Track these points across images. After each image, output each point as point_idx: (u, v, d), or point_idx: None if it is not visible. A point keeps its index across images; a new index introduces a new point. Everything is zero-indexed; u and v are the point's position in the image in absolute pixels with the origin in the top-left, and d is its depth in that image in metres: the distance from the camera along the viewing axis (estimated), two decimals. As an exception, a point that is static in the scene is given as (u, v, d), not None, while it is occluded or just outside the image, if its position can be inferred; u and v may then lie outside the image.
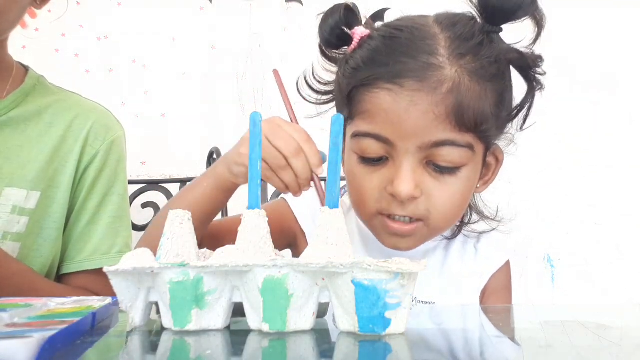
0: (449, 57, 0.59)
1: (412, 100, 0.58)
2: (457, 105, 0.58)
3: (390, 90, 0.59)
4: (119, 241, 0.91)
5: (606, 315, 0.57)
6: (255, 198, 0.44)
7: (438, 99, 0.58)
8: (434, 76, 0.58)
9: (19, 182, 0.85)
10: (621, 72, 1.52)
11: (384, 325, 0.40)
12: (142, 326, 0.44)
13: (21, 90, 0.89)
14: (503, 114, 0.64)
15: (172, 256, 0.43)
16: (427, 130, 0.58)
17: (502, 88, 0.62)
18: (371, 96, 0.61)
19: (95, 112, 0.94)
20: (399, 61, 0.59)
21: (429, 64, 0.58)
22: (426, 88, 0.58)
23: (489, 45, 0.61)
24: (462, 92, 0.58)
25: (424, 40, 0.60)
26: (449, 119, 0.58)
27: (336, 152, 0.44)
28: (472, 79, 0.59)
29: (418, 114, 0.58)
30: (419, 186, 0.60)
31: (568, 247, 1.48)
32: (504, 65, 0.62)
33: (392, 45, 0.61)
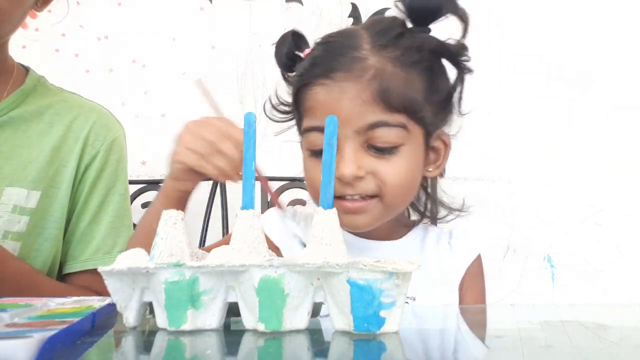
0: (371, 49, 0.67)
1: (341, 90, 0.66)
2: (381, 89, 0.65)
3: (324, 85, 0.67)
4: (121, 240, 0.91)
5: (606, 315, 0.57)
6: (249, 198, 0.44)
7: (363, 85, 0.65)
8: (358, 67, 0.66)
9: (19, 182, 0.85)
10: (597, 70, 1.52)
11: (379, 324, 0.40)
12: (136, 326, 0.44)
13: (22, 90, 0.89)
14: (436, 99, 0.70)
15: (166, 256, 0.43)
16: (359, 114, 0.65)
17: (430, 75, 0.69)
18: (310, 94, 0.69)
19: (95, 112, 0.95)
20: (331, 60, 0.68)
21: (354, 57, 0.67)
22: (352, 77, 0.66)
23: (410, 36, 0.69)
24: (386, 77, 0.65)
25: (350, 39, 0.69)
26: (376, 102, 0.65)
27: (330, 153, 0.45)
28: (395, 65, 0.66)
29: (348, 101, 0.65)
30: (362, 167, 0.66)
31: (568, 247, 1.48)
32: (428, 54, 0.69)
33: (326, 48, 0.70)
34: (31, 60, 1.00)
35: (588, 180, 1.50)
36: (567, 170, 1.50)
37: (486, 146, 1.49)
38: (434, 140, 0.73)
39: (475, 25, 1.51)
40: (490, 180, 1.49)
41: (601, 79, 1.52)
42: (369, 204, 0.67)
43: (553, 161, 1.50)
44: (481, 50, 1.52)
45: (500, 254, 1.47)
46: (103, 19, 1.46)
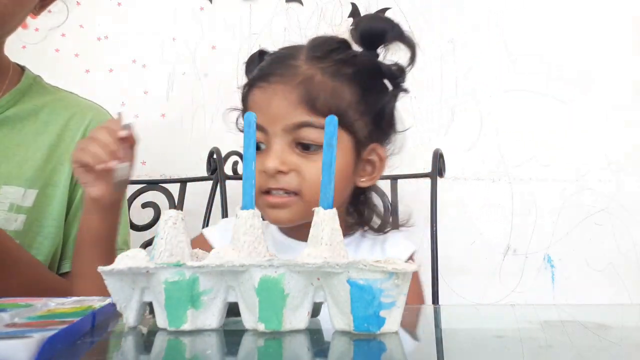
0: (306, 59, 0.75)
1: (273, 91, 0.74)
2: (307, 93, 0.72)
3: (261, 87, 0.76)
4: (117, 238, 0.91)
5: (606, 315, 0.57)
6: (249, 198, 0.45)
7: (291, 88, 0.73)
8: (290, 72, 0.74)
9: (16, 180, 0.85)
10: (597, 70, 1.52)
11: (379, 324, 0.40)
12: (136, 326, 0.44)
13: (17, 89, 0.89)
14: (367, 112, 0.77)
15: (166, 256, 0.43)
16: (287, 114, 0.73)
17: (362, 89, 0.76)
18: (251, 95, 0.78)
19: (92, 110, 0.95)
20: (271, 67, 0.77)
21: (289, 65, 0.75)
22: (283, 81, 0.74)
23: (344, 52, 0.77)
24: (314, 84, 0.73)
25: (292, 52, 0.78)
26: (302, 105, 0.72)
27: (330, 153, 0.45)
28: (325, 74, 0.74)
29: (277, 101, 0.73)
30: (286, 163, 0.72)
31: (568, 247, 1.48)
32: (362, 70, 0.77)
33: (271, 59, 0.80)
34: (31, 60, 1.00)
35: (588, 180, 1.50)
36: (567, 170, 1.50)
37: (486, 146, 1.49)
38: (369, 153, 0.79)
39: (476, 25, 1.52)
40: (490, 180, 1.49)
41: (601, 79, 1.52)
42: (291, 200, 0.73)
43: (553, 161, 1.50)
44: (481, 50, 1.53)
45: (500, 254, 1.47)
46: (103, 19, 1.46)
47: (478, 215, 1.47)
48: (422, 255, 1.36)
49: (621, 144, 1.52)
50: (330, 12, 1.51)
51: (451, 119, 1.49)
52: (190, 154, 1.44)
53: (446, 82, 1.49)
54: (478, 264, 1.46)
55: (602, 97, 1.52)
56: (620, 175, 1.50)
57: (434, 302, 1.10)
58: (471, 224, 1.46)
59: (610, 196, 1.50)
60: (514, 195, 1.49)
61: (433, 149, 1.18)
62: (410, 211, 1.02)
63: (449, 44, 1.51)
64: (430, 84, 1.48)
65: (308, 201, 0.73)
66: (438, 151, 1.16)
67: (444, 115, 1.48)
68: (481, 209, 1.48)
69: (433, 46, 1.49)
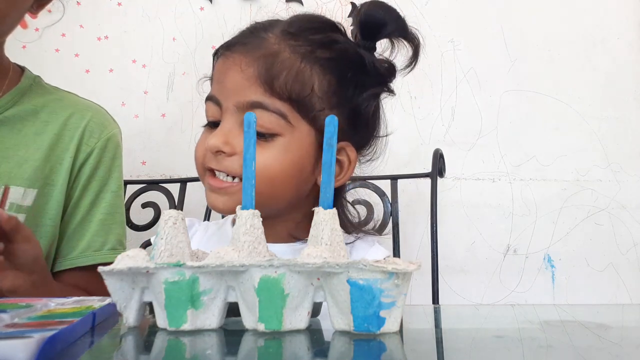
0: (279, 34, 0.67)
1: (232, 61, 0.66)
2: (267, 70, 0.64)
3: (224, 55, 0.68)
4: (111, 238, 0.91)
5: (606, 315, 0.57)
6: (249, 198, 0.45)
7: (250, 60, 0.65)
8: (255, 43, 0.66)
9: (16, 180, 0.85)
10: (598, 70, 1.52)
11: (379, 324, 0.40)
12: (136, 326, 0.44)
13: (17, 89, 0.89)
14: (339, 107, 0.67)
15: (166, 256, 0.43)
16: (241, 89, 0.65)
17: (338, 79, 0.67)
18: (216, 64, 0.70)
19: (90, 110, 0.95)
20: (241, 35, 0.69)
21: (259, 36, 0.67)
22: (244, 51, 0.66)
23: (324, 33, 0.68)
24: (277, 60, 0.64)
25: (270, 23, 0.70)
26: (259, 82, 0.64)
27: (330, 153, 0.45)
28: (295, 54, 0.65)
29: (233, 72, 0.65)
30: (230, 143, 0.65)
31: (568, 247, 1.48)
32: (343, 59, 0.67)
33: (247, 28, 0.71)
34: (31, 60, 1.00)
35: (588, 180, 1.50)
36: (567, 170, 1.50)
37: (486, 146, 1.49)
38: (337, 152, 0.68)
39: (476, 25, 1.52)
40: (490, 180, 1.49)
41: (601, 79, 1.52)
42: (232, 186, 0.66)
43: (553, 161, 1.50)
44: (481, 50, 1.53)
45: (500, 254, 1.47)
46: (103, 19, 1.46)
47: (478, 215, 1.47)
48: (422, 255, 1.37)
49: (621, 144, 1.52)
50: (331, 12, 1.51)
51: (451, 119, 1.49)
52: (190, 154, 1.43)
53: (446, 82, 1.49)
54: (478, 264, 1.46)
55: (602, 97, 1.52)
56: (620, 175, 1.50)
57: (434, 302, 1.10)
58: (471, 224, 1.47)
59: (610, 196, 1.50)
60: (514, 195, 1.49)
61: (433, 149, 1.18)
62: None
63: (449, 43, 1.51)
64: (430, 84, 1.48)
65: None
66: (438, 151, 1.16)
67: (444, 115, 1.48)
68: (481, 209, 1.48)
69: (433, 46, 1.49)
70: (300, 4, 1.50)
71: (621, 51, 1.53)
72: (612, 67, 1.52)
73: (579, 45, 1.52)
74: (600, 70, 1.52)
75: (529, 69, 1.51)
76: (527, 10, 1.52)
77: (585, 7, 1.53)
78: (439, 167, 1.14)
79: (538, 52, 1.52)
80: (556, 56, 1.52)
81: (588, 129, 1.51)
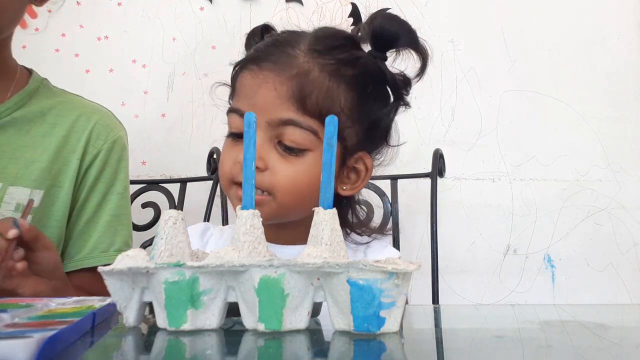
0: (306, 51, 0.68)
1: (263, 78, 0.67)
2: (299, 88, 0.66)
3: (251, 70, 0.69)
4: (118, 240, 0.92)
5: (606, 315, 0.57)
6: (249, 198, 0.45)
7: (283, 79, 0.66)
8: (285, 61, 0.67)
9: (22, 181, 0.86)
10: (598, 70, 1.52)
11: (379, 324, 0.40)
12: (136, 326, 0.44)
13: (25, 91, 0.90)
14: (362, 120, 0.70)
15: (167, 256, 0.43)
16: (273, 107, 0.66)
17: (360, 94, 0.70)
18: (240, 77, 0.72)
19: (97, 112, 0.95)
20: (267, 51, 0.70)
21: (287, 53, 0.68)
22: (276, 70, 0.67)
23: (349, 50, 0.70)
24: (308, 80, 0.66)
25: (294, 38, 0.71)
26: (290, 100, 0.66)
27: (330, 153, 0.45)
28: (323, 72, 0.67)
29: (265, 90, 0.67)
30: (263, 159, 0.67)
31: (568, 247, 1.48)
32: (363, 74, 0.70)
33: (270, 42, 0.72)
34: (31, 60, 1.00)
35: (588, 180, 1.50)
36: (567, 170, 1.50)
37: (486, 146, 1.49)
38: (355, 161, 0.73)
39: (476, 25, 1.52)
40: (490, 180, 1.49)
41: (601, 79, 1.52)
42: (262, 199, 0.68)
43: (553, 161, 1.50)
44: (481, 50, 1.53)
45: (500, 254, 1.47)
46: (103, 19, 1.46)
47: (478, 215, 1.47)
48: (422, 255, 1.37)
49: (621, 144, 1.52)
50: (331, 12, 1.51)
51: (451, 119, 1.49)
52: (190, 154, 1.44)
53: (446, 82, 1.49)
54: (478, 264, 1.46)
55: (602, 97, 1.52)
56: (620, 175, 1.50)
57: (434, 302, 1.10)
58: (471, 224, 1.47)
59: (610, 196, 1.50)
60: (514, 195, 1.49)
61: (433, 149, 1.18)
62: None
63: (449, 43, 1.51)
64: (430, 84, 1.48)
65: (280, 203, 0.68)
66: (438, 151, 1.16)
67: (444, 115, 1.48)
68: (481, 209, 1.48)
69: (433, 46, 1.49)
70: (300, 4, 1.50)
71: (621, 51, 1.53)
72: (612, 67, 1.52)
73: (579, 45, 1.52)
74: (600, 70, 1.52)
75: (529, 69, 1.51)
76: (527, 10, 1.52)
77: (585, 7, 1.53)
78: (439, 167, 1.14)
79: (538, 52, 1.52)
80: (556, 56, 1.52)
81: (588, 129, 1.51)
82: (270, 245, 0.76)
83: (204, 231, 0.82)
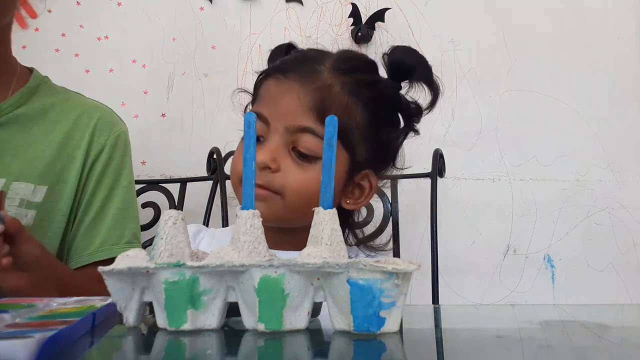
0: (330, 69, 0.73)
1: (289, 87, 0.72)
2: (321, 100, 0.71)
3: (277, 79, 0.74)
4: (127, 232, 0.93)
5: (606, 315, 0.57)
6: (249, 198, 0.45)
7: (307, 90, 0.71)
8: (311, 75, 0.72)
9: (26, 177, 0.87)
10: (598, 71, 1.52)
11: (379, 324, 0.40)
12: (136, 326, 0.44)
13: (26, 89, 0.91)
14: (373, 139, 0.75)
15: (166, 256, 0.43)
16: (294, 114, 0.71)
17: (374, 115, 0.75)
18: (265, 84, 0.76)
19: (99, 110, 0.97)
20: (294, 64, 0.75)
21: (312, 67, 0.73)
22: (301, 81, 0.72)
23: (370, 74, 0.76)
24: (330, 94, 0.71)
25: (320, 56, 0.76)
26: (311, 110, 0.70)
27: (330, 153, 0.45)
28: (344, 90, 0.72)
29: (289, 98, 0.71)
30: (277, 161, 0.70)
31: (568, 247, 1.48)
32: (379, 97, 0.75)
33: (297, 56, 0.79)
34: (31, 60, 1.00)
35: (588, 180, 1.50)
36: (567, 170, 1.50)
37: (486, 146, 1.49)
38: (361, 178, 0.77)
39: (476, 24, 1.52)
40: (490, 180, 1.49)
41: (601, 79, 1.52)
42: (271, 195, 0.71)
43: (553, 161, 1.50)
44: (481, 50, 1.53)
45: (500, 254, 1.47)
46: (103, 19, 1.46)
47: (478, 215, 1.47)
48: (422, 255, 1.37)
49: (621, 144, 1.52)
50: (331, 12, 1.51)
51: (451, 119, 1.49)
52: (190, 154, 1.44)
53: (446, 82, 1.49)
54: (478, 264, 1.46)
55: (602, 97, 1.52)
56: (620, 175, 1.50)
57: (434, 302, 1.11)
58: (471, 224, 1.47)
59: (610, 196, 1.50)
60: (514, 195, 1.49)
61: (433, 149, 1.18)
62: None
63: (449, 44, 1.51)
64: (430, 84, 1.47)
65: (288, 204, 0.71)
66: (438, 151, 1.16)
67: (444, 115, 1.48)
68: (481, 209, 1.48)
69: (433, 46, 1.49)
70: (300, 4, 1.50)
71: (621, 51, 1.53)
72: (612, 67, 1.52)
73: (579, 45, 1.52)
74: (600, 70, 1.52)
75: (529, 69, 1.51)
76: (527, 10, 1.52)
77: (585, 7, 1.53)
78: (439, 167, 1.14)
79: (538, 52, 1.52)
80: (556, 56, 1.52)
81: (588, 129, 1.51)
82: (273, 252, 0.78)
83: (196, 233, 0.85)
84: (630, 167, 1.51)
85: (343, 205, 0.77)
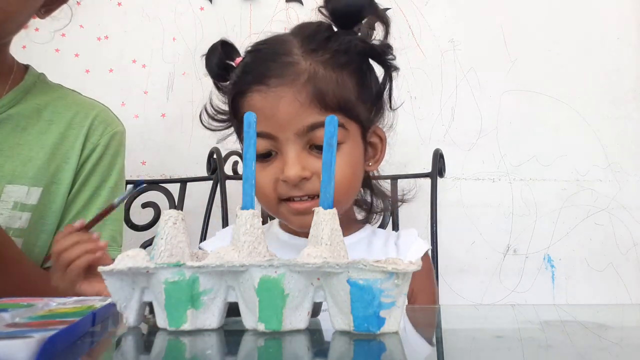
0: (302, 54, 0.70)
1: (277, 95, 0.69)
2: (316, 91, 0.68)
3: (259, 91, 0.70)
4: (106, 234, 0.91)
5: (606, 315, 0.57)
6: (249, 198, 0.45)
7: (298, 88, 0.68)
8: (291, 71, 0.69)
9: (19, 179, 0.85)
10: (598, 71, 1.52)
11: (379, 324, 0.40)
12: (136, 326, 0.44)
13: (21, 87, 0.90)
14: (367, 97, 0.74)
15: (166, 256, 0.43)
16: (297, 117, 0.68)
17: (360, 74, 0.73)
18: (247, 101, 0.72)
19: (95, 109, 0.95)
20: (263, 66, 0.71)
21: (286, 62, 0.70)
22: (287, 82, 0.69)
23: (337, 39, 0.72)
24: (319, 80, 0.69)
25: (280, 45, 0.72)
26: (313, 104, 0.68)
27: (330, 153, 0.45)
28: (326, 67, 0.70)
29: (285, 105, 0.68)
30: (307, 168, 0.69)
31: (568, 247, 1.48)
32: (355, 55, 0.73)
33: (257, 55, 0.74)
34: (31, 60, 1.00)
35: (588, 180, 1.50)
36: (567, 170, 1.50)
37: (486, 146, 1.49)
38: (370, 136, 0.77)
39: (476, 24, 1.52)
40: (490, 180, 1.49)
41: (601, 79, 1.52)
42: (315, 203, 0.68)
43: (553, 161, 1.50)
44: (481, 50, 1.52)
45: (500, 254, 1.47)
46: (103, 19, 1.46)
47: (478, 215, 1.47)
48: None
49: (621, 144, 1.52)
50: (330, 12, 1.50)
51: (451, 118, 1.49)
52: (190, 154, 1.44)
53: (446, 82, 1.49)
54: (478, 264, 1.46)
55: (602, 97, 1.52)
56: (620, 175, 1.50)
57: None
58: (471, 224, 1.46)
59: (610, 196, 1.50)
60: (514, 195, 1.49)
61: (433, 149, 1.18)
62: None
63: (449, 43, 1.51)
64: (430, 84, 1.48)
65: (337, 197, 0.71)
66: (438, 151, 1.16)
67: (444, 115, 1.48)
68: (481, 209, 1.48)
69: (433, 46, 1.49)
70: (300, 4, 1.50)
71: (621, 51, 1.53)
72: (612, 67, 1.52)
73: (579, 45, 1.52)
74: (600, 70, 1.52)
75: (529, 69, 1.51)
76: (527, 10, 1.52)
77: (585, 7, 1.53)
78: (439, 167, 1.14)
79: (538, 52, 1.52)
80: (556, 56, 1.52)
81: (588, 129, 1.51)
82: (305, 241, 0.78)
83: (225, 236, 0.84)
84: (630, 167, 1.51)
85: (367, 168, 0.78)
